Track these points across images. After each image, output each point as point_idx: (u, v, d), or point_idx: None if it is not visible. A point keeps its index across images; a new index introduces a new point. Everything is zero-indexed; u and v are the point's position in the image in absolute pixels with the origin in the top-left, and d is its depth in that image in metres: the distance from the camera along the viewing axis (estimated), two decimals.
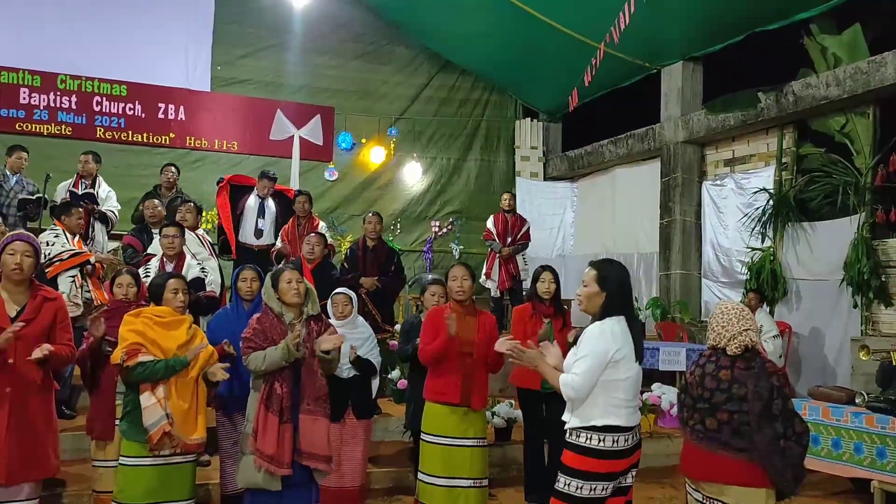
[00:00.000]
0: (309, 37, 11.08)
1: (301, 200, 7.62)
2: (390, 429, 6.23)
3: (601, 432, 3.18)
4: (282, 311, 4.03)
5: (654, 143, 9.86)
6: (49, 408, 3.73)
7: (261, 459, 3.82)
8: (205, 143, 10.54)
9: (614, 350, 3.17)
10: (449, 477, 4.34)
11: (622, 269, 3.39)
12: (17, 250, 3.58)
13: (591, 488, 3.18)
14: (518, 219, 9.00)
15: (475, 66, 11.81)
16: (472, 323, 4.47)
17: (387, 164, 11.56)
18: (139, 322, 3.98)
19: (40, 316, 3.63)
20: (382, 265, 7.00)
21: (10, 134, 9.25)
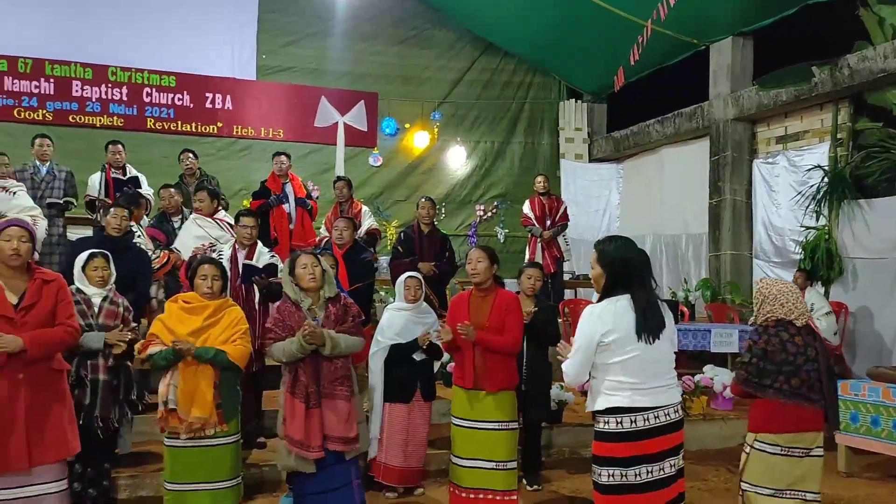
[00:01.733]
0: (351, 23, 11.12)
1: (339, 186, 7.69)
2: (443, 411, 6.25)
3: (605, 415, 3.13)
4: (299, 298, 4.06)
5: (703, 121, 9.68)
6: (62, 388, 3.76)
7: (291, 445, 3.91)
8: (251, 132, 10.68)
9: (601, 332, 3.07)
10: (472, 458, 4.35)
11: (624, 245, 3.21)
12: (13, 236, 3.57)
13: (609, 474, 3.10)
14: (554, 200, 8.91)
15: (518, 47, 11.71)
16: (486, 306, 4.40)
17: (431, 149, 11.57)
18: (169, 308, 4.13)
19: (42, 300, 3.63)
20: (438, 251, 7.02)
21: (65, 126, 9.54)
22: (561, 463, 5.81)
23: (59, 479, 3.68)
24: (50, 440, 3.60)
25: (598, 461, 3.16)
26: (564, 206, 8.86)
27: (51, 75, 9.73)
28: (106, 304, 4.44)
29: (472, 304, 4.44)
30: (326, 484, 3.97)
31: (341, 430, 3.98)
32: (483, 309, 4.38)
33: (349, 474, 4.07)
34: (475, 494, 4.32)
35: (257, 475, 5.10)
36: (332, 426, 3.97)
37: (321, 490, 3.96)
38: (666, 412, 3.13)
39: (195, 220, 6.44)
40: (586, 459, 5.79)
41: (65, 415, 3.72)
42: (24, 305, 3.57)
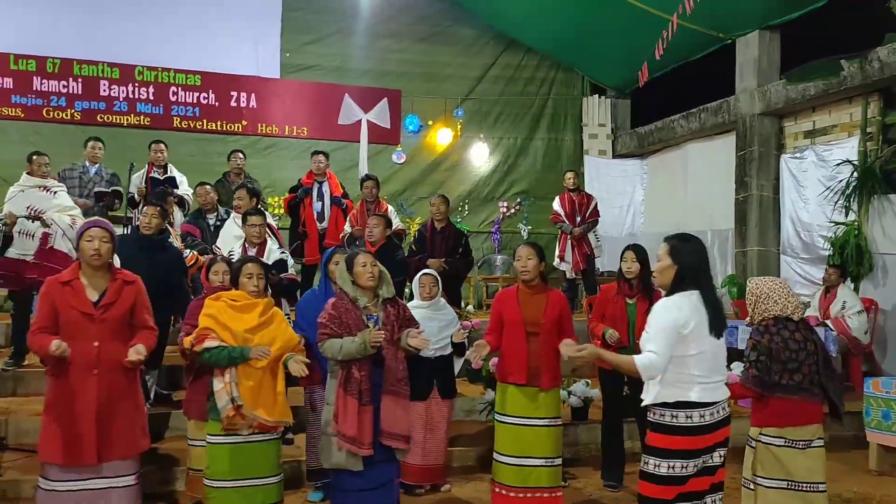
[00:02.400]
0: (374, 20, 11.13)
1: (368, 185, 7.70)
2: (467, 408, 6.27)
3: (674, 408, 3.16)
4: (356, 296, 4.06)
5: (729, 116, 9.58)
6: (135, 387, 3.86)
7: (342, 441, 3.90)
8: (275, 130, 10.74)
9: (682, 323, 3.12)
10: (520, 456, 4.36)
11: (697, 243, 3.32)
12: (95, 236, 3.69)
13: (670, 466, 3.15)
14: (584, 196, 8.88)
15: (541, 43, 11.66)
16: (539, 302, 4.43)
17: (454, 146, 11.56)
18: (216, 306, 4.11)
19: (120, 299, 3.74)
20: (450, 247, 7.02)
21: (93, 126, 9.64)
22: (587, 460, 5.80)
23: (128, 473, 3.76)
24: (120, 437, 3.69)
25: (659, 453, 3.19)
26: (595, 203, 8.83)
27: (79, 75, 9.85)
28: None
29: (522, 300, 4.45)
30: (369, 482, 3.97)
31: (401, 427, 4.00)
32: (536, 306, 4.40)
33: (391, 473, 4.09)
34: (524, 493, 4.33)
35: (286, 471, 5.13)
36: (392, 423, 3.97)
37: (363, 487, 3.96)
38: (722, 407, 3.24)
39: (235, 219, 6.47)
40: None
41: (136, 413, 3.82)
42: (104, 303, 3.69)
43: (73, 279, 3.70)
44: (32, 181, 6.57)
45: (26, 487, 4.83)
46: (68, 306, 3.63)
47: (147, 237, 5.23)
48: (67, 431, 3.60)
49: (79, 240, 3.74)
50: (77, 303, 3.64)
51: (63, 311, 3.63)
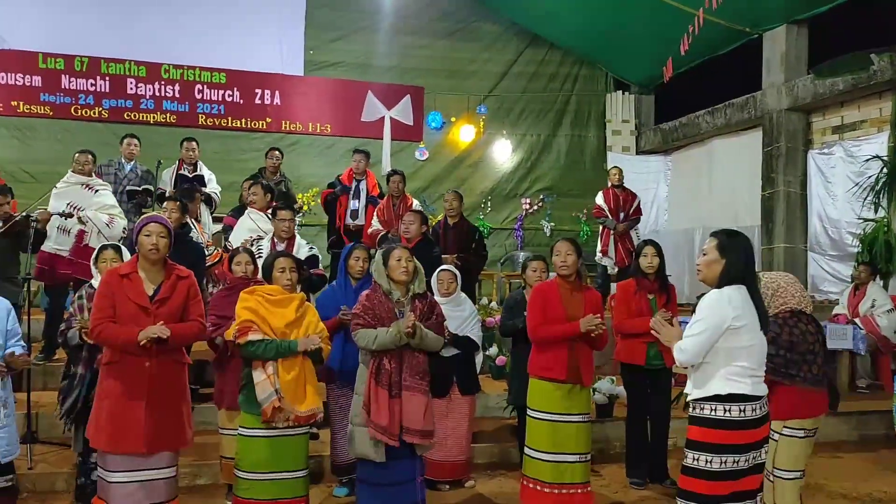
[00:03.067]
0: (397, 17, 11.15)
1: (395, 180, 7.69)
2: (490, 405, 6.27)
3: (726, 402, 3.12)
4: (390, 289, 4.09)
5: (755, 111, 9.48)
6: (183, 381, 3.90)
7: (374, 431, 3.91)
8: (299, 127, 10.80)
9: (732, 316, 3.10)
10: (556, 452, 4.35)
11: (744, 239, 3.32)
12: (153, 231, 3.74)
13: (722, 461, 3.11)
14: (628, 194, 8.85)
15: (564, 39, 11.62)
16: (578, 299, 4.43)
17: (476, 142, 11.55)
18: (253, 299, 4.12)
19: (175, 294, 3.80)
20: (463, 243, 7.00)
21: (120, 123, 9.75)
22: (612, 457, 5.77)
23: (170, 465, 3.81)
24: (167, 429, 3.73)
25: (711, 448, 3.14)
26: (638, 201, 8.82)
27: (106, 73, 9.98)
28: None
29: (564, 296, 4.43)
30: (392, 476, 3.98)
31: (420, 422, 3.99)
32: (577, 304, 4.40)
33: (415, 470, 4.09)
34: (559, 489, 4.32)
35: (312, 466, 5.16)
36: (412, 418, 3.97)
37: (386, 482, 3.97)
38: (764, 402, 3.23)
39: (249, 213, 6.55)
40: None
41: (183, 407, 3.85)
42: (159, 298, 3.74)
43: (132, 272, 3.77)
44: (76, 178, 6.67)
45: (57, 481, 4.92)
46: (126, 298, 3.69)
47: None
48: (118, 420, 3.66)
49: (137, 234, 3.80)
50: (134, 295, 3.70)
51: (121, 302, 3.69)
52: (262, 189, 6.62)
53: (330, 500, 4.88)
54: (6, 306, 3.91)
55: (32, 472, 4.91)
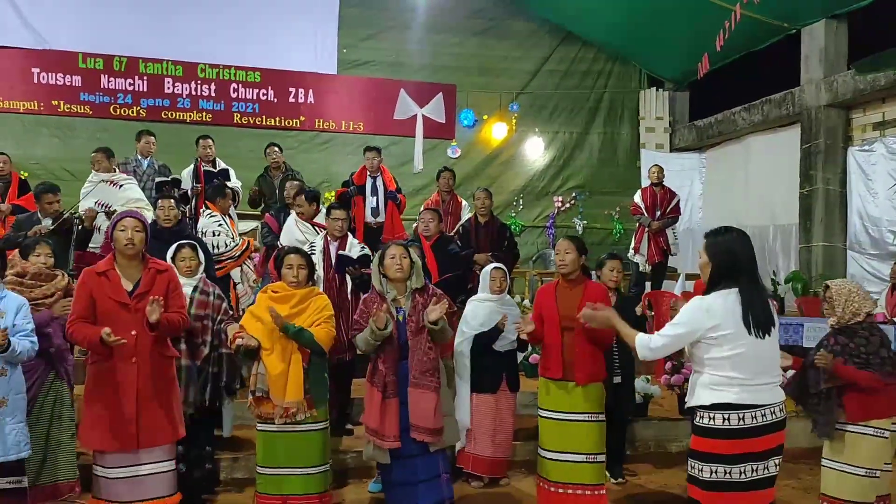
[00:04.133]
0: (429, 15, 11.17)
1: (446, 177, 7.76)
2: (525, 402, 6.25)
3: (711, 410, 3.07)
4: (384, 288, 4.11)
5: (793, 108, 9.33)
6: (171, 375, 3.93)
7: (367, 433, 3.98)
8: (332, 125, 10.87)
9: (707, 327, 3.03)
10: (560, 451, 4.30)
11: (735, 238, 3.15)
12: (128, 226, 3.76)
13: (712, 470, 3.04)
14: (667, 192, 8.76)
15: (597, 36, 11.54)
16: (575, 297, 4.31)
17: (508, 140, 11.53)
18: (260, 298, 4.24)
19: (154, 288, 3.80)
20: (495, 241, 6.99)
21: (158, 122, 9.90)
22: (646, 457, 5.75)
23: (166, 459, 3.86)
24: (159, 423, 3.77)
25: (701, 457, 3.10)
26: (677, 200, 8.73)
27: (144, 73, 10.14)
28: (197, 294, 4.54)
29: (560, 294, 4.39)
30: (412, 475, 4.00)
31: (428, 420, 3.99)
32: (572, 300, 4.30)
33: (436, 467, 4.09)
34: (563, 489, 4.28)
35: (347, 462, 5.22)
36: (419, 416, 3.99)
37: (407, 481, 4.00)
38: (771, 410, 3.07)
39: (297, 223, 6.36)
40: (672, 454, 5.78)
41: (173, 400, 3.89)
42: (139, 293, 3.76)
43: (109, 269, 3.77)
44: (98, 177, 6.83)
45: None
46: (105, 296, 3.71)
47: (166, 229, 5.28)
48: (109, 418, 3.68)
49: (112, 230, 3.81)
50: (113, 293, 3.72)
51: (100, 300, 3.70)
52: (306, 199, 6.49)
53: (364, 495, 4.92)
54: (18, 303, 3.87)
55: None
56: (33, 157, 9.53)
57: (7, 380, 3.74)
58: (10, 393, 3.75)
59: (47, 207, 6.03)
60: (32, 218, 6.11)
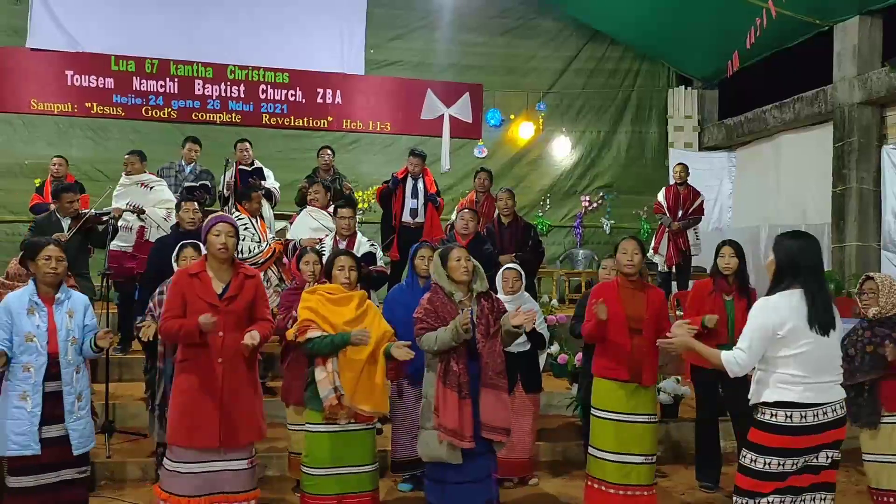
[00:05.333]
0: (456, 15, 11.17)
1: (482, 177, 7.81)
2: (552, 403, 6.25)
3: (773, 408, 3.17)
4: (451, 290, 4.07)
5: (826, 105, 9.19)
6: (255, 376, 4.02)
7: (444, 434, 3.90)
8: (359, 125, 10.93)
9: (776, 324, 3.11)
10: (620, 452, 4.32)
11: (801, 239, 3.27)
12: (222, 231, 3.85)
13: (766, 462, 3.16)
14: (690, 192, 8.70)
15: (625, 34, 11.47)
16: (640, 298, 4.39)
17: (535, 140, 11.50)
18: (313, 299, 4.19)
19: (243, 292, 3.90)
20: (519, 241, 6.98)
21: (188, 123, 10.04)
22: (676, 458, 5.71)
23: (245, 457, 3.92)
24: (242, 423, 3.85)
25: (759, 450, 3.20)
26: (701, 200, 8.67)
27: (175, 75, 10.26)
28: None
29: (623, 294, 4.41)
30: (470, 474, 3.98)
31: (503, 420, 4.00)
32: (638, 302, 4.37)
33: (489, 467, 4.09)
34: (623, 490, 4.29)
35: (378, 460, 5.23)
36: (493, 416, 3.96)
37: (464, 480, 3.97)
38: (832, 408, 3.17)
39: (310, 212, 6.68)
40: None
41: (256, 400, 3.97)
42: (228, 296, 3.86)
43: (201, 271, 3.88)
44: (129, 179, 6.99)
45: (132, 469, 5.11)
46: (196, 297, 3.81)
47: (189, 232, 5.35)
48: (194, 416, 3.79)
49: (206, 234, 3.90)
50: (204, 294, 3.82)
51: (191, 301, 3.81)
52: (322, 187, 6.78)
53: (395, 494, 4.94)
54: (84, 302, 4.04)
55: (110, 461, 5.10)
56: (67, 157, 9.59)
57: (81, 376, 3.96)
58: (84, 388, 3.96)
59: (67, 207, 6.12)
60: (52, 217, 6.22)
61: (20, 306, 3.84)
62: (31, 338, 3.80)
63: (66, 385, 3.87)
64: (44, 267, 3.89)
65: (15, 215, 9.52)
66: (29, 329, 3.81)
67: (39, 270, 3.91)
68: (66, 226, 6.09)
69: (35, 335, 3.81)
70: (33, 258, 3.94)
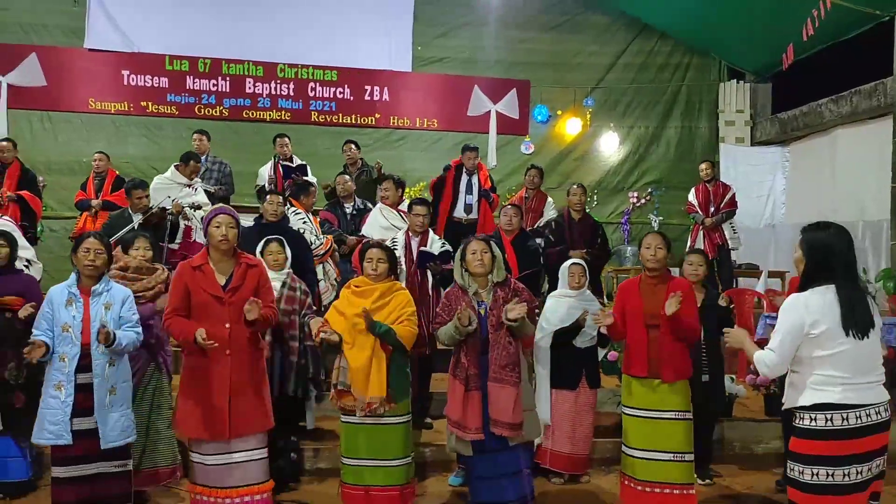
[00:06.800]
0: (503, 10, 11.13)
1: (532, 174, 7.82)
2: (602, 400, 6.19)
3: (811, 411, 2.97)
4: (465, 283, 4.13)
5: (885, 98, 8.93)
6: (261, 367, 4.06)
7: (449, 425, 4.00)
8: (407, 122, 10.99)
9: (808, 323, 2.93)
10: (647, 449, 4.26)
11: (832, 233, 3.05)
12: (222, 223, 3.89)
13: (814, 472, 2.95)
14: (720, 187, 8.56)
15: (675, 27, 11.29)
16: (660, 293, 4.28)
17: (583, 135, 11.41)
18: (343, 293, 4.33)
19: (246, 282, 3.93)
20: (589, 237, 6.95)
21: (240, 122, 10.24)
22: (732, 458, 5.61)
23: (258, 447, 3.99)
24: (250, 413, 3.91)
25: (801, 459, 3.01)
26: (732, 193, 8.51)
27: (227, 74, 10.45)
28: (285, 289, 4.67)
29: (644, 290, 4.37)
30: (494, 469, 4.01)
31: (508, 415, 3.99)
32: (657, 296, 4.28)
33: (518, 462, 4.10)
34: (651, 487, 4.25)
35: (427, 455, 5.27)
36: (499, 411, 3.99)
37: (490, 475, 4.02)
38: (876, 410, 2.97)
39: (381, 210, 6.52)
40: (757, 455, 5.64)
41: (264, 391, 4.03)
42: (232, 287, 3.90)
43: (203, 264, 3.92)
44: (180, 178, 7.03)
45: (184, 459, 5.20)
46: (200, 290, 3.85)
47: (272, 224, 5.42)
48: (203, 408, 3.84)
49: (207, 226, 3.95)
50: (208, 286, 3.86)
51: (195, 294, 3.85)
52: (393, 184, 6.60)
53: (444, 488, 4.96)
54: (124, 295, 4.03)
55: None
56: (124, 155, 9.90)
57: (115, 369, 3.92)
58: (118, 381, 3.94)
59: (137, 202, 6.26)
60: (124, 214, 6.37)
61: (61, 297, 3.88)
62: (67, 328, 3.81)
63: (96, 377, 3.82)
64: (83, 259, 3.92)
65: (73, 212, 9.74)
66: (66, 320, 3.83)
67: (79, 262, 3.94)
68: (136, 221, 6.21)
69: (70, 325, 3.82)
70: (75, 251, 4.00)
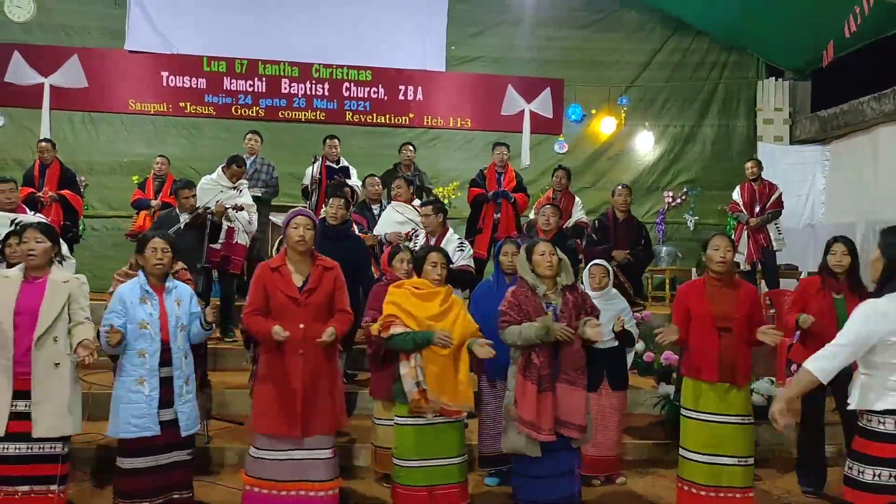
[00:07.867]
0: (536, 9, 11.08)
1: (559, 175, 7.83)
2: (639, 401, 6.17)
3: (883, 416, 2.94)
4: (536, 284, 4.09)
5: None
6: (335, 367, 4.13)
7: (521, 425, 3.94)
8: (440, 122, 11.01)
9: (885, 331, 2.88)
10: (712, 454, 4.23)
11: None
12: (301, 224, 3.96)
13: (875, 474, 2.93)
14: (766, 186, 8.44)
15: (712, 24, 11.14)
16: (731, 296, 4.30)
17: (617, 135, 11.32)
18: (399, 294, 4.26)
19: (322, 284, 3.99)
20: (633, 238, 6.92)
21: (275, 122, 10.36)
22: (769, 461, 5.54)
23: (326, 447, 4.04)
24: (322, 413, 3.97)
25: (866, 459, 2.98)
26: (778, 193, 8.39)
27: (263, 74, 10.56)
28: None
29: (710, 292, 4.34)
30: (552, 468, 4.00)
31: (579, 417, 4.00)
32: (728, 300, 4.28)
33: (572, 461, 4.09)
34: (715, 493, 4.22)
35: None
36: (569, 412, 3.98)
37: (546, 474, 4.00)
38: None
39: (394, 206, 6.78)
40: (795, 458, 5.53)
41: (336, 391, 4.09)
42: (308, 288, 3.97)
43: (281, 265, 4.00)
44: (226, 181, 7.11)
45: (229, 454, 5.28)
46: (277, 290, 3.93)
47: (333, 227, 5.52)
48: (277, 406, 3.92)
49: (286, 228, 4.02)
50: (285, 287, 3.94)
51: (273, 294, 3.94)
52: (404, 182, 6.89)
53: (482, 488, 4.97)
54: (189, 291, 4.24)
55: (209, 447, 5.29)
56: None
57: (188, 361, 4.16)
58: (191, 373, 4.16)
59: (184, 202, 6.38)
60: (171, 213, 6.49)
61: (133, 296, 4.06)
62: (145, 325, 3.99)
63: (175, 370, 4.05)
64: (151, 258, 4.09)
65: (115, 210, 9.98)
66: (142, 317, 4.01)
67: (148, 262, 4.11)
68: (183, 221, 6.30)
69: (148, 323, 4.00)
70: (142, 251, 4.15)
